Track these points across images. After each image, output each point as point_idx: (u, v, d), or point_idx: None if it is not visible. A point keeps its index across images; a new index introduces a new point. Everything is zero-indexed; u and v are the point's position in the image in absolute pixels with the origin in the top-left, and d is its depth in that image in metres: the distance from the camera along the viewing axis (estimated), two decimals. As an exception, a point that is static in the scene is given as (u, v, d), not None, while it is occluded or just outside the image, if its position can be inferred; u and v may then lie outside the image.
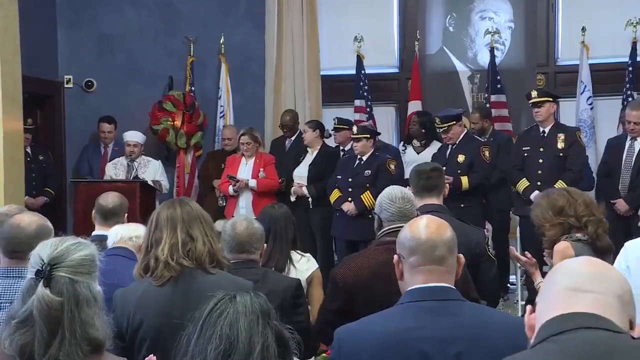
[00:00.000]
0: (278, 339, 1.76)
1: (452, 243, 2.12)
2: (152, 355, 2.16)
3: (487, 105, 7.23)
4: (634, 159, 5.93)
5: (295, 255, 3.81)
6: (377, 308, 2.22)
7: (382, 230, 2.98)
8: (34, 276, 1.82)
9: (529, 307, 1.56)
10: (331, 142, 7.11)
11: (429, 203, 3.53)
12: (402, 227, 2.86)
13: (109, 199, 3.94)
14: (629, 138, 6.02)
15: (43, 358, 1.77)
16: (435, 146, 6.80)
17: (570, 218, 3.23)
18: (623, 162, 5.99)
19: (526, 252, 3.58)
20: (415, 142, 7.06)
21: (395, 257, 2.17)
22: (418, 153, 6.92)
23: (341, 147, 6.92)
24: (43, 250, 1.86)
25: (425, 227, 2.12)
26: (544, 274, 3.39)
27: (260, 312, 1.75)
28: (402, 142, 7.39)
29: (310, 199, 6.64)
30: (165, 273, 2.48)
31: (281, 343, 1.77)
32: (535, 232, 3.42)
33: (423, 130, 6.95)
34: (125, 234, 3.44)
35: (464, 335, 1.99)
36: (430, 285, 2.07)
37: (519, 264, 3.53)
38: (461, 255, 2.17)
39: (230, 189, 6.68)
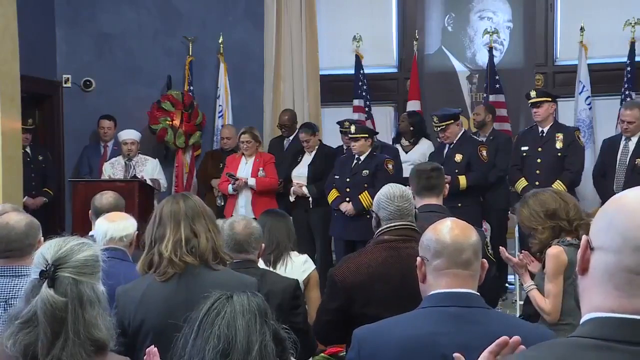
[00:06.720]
0: (275, 338, 1.77)
1: (478, 247, 2.07)
2: (152, 346, 2.16)
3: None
4: (628, 158, 5.93)
5: (293, 254, 3.84)
6: (376, 307, 2.20)
7: (380, 229, 2.95)
8: (38, 276, 1.83)
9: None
10: (331, 142, 7.10)
11: (429, 203, 3.53)
12: (400, 225, 2.89)
13: (104, 199, 3.90)
14: (623, 138, 6.02)
15: (46, 358, 1.77)
16: (423, 144, 6.81)
17: (562, 221, 3.23)
18: (617, 161, 5.99)
19: (522, 252, 3.58)
20: (404, 141, 7.06)
21: (419, 259, 2.11)
22: (406, 152, 6.93)
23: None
24: (47, 251, 1.86)
25: (450, 230, 2.06)
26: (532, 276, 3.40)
27: (257, 312, 1.76)
28: (391, 142, 7.38)
29: (310, 199, 6.63)
30: (169, 270, 2.49)
31: (278, 342, 1.78)
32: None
33: (412, 128, 6.95)
34: (116, 233, 3.34)
35: (489, 345, 1.97)
36: (455, 290, 2.01)
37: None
38: (485, 260, 2.11)
39: (230, 187, 6.66)
